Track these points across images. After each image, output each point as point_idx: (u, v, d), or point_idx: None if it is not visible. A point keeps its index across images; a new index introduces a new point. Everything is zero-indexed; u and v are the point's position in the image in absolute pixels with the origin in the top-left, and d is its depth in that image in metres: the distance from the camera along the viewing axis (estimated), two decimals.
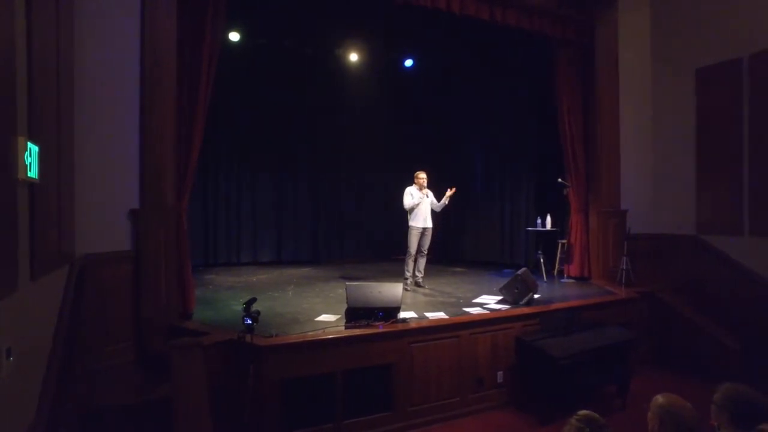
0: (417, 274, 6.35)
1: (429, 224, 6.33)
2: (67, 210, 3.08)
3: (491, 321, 4.75)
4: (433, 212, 6.41)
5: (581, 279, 6.87)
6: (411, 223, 6.31)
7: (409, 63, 9.32)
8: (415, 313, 4.81)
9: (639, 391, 4.73)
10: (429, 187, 6.46)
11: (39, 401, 2.19)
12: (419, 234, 6.26)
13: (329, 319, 4.53)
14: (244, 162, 8.59)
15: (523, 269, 5.46)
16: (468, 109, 9.32)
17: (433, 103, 9.86)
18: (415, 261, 6.33)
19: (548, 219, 7.29)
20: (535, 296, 5.43)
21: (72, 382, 3.28)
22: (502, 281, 5.69)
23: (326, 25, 7.87)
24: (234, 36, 7.68)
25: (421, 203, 6.24)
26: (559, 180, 6.91)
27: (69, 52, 3.23)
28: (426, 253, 6.40)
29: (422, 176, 6.37)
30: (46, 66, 2.39)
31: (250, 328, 3.53)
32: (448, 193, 6.22)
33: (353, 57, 8.72)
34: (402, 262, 6.52)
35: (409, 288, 6.10)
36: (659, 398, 2.06)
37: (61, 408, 2.47)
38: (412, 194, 6.29)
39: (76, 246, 3.56)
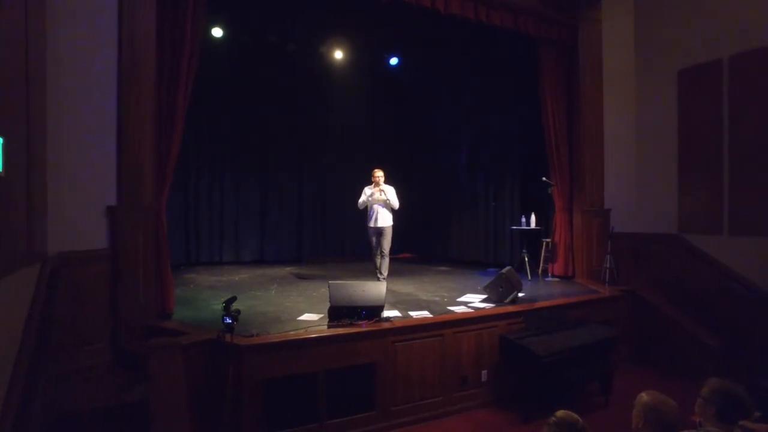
0: (379, 276, 6.12)
1: (381, 224, 6.14)
2: (38, 206, 2.97)
3: (475, 320, 4.74)
4: (394, 211, 6.28)
5: (565, 278, 6.90)
6: (366, 222, 6.28)
7: (394, 61, 9.27)
8: (399, 311, 4.78)
9: (621, 388, 4.75)
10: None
11: (3, 405, 2.09)
12: (373, 233, 6.20)
13: (312, 318, 4.47)
14: (226, 160, 8.48)
15: (508, 268, 5.46)
16: (453, 107, 9.32)
17: (418, 101, 9.86)
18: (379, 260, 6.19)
19: (533, 218, 7.30)
20: (520, 295, 5.43)
21: (44, 384, 3.17)
22: (487, 280, 5.68)
23: (311, 22, 7.79)
24: (217, 32, 7.54)
25: (373, 202, 6.15)
26: (544, 179, 6.93)
27: (41, 48, 3.12)
28: (386, 254, 6.19)
29: (377, 174, 6.22)
30: (10, 57, 2.29)
31: (229, 328, 3.46)
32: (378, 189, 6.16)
33: (338, 55, 8.63)
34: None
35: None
36: (643, 396, 2.06)
37: (29, 411, 2.37)
38: (365, 192, 6.25)
39: (48, 244, 3.45)
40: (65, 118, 3.87)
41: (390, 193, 6.18)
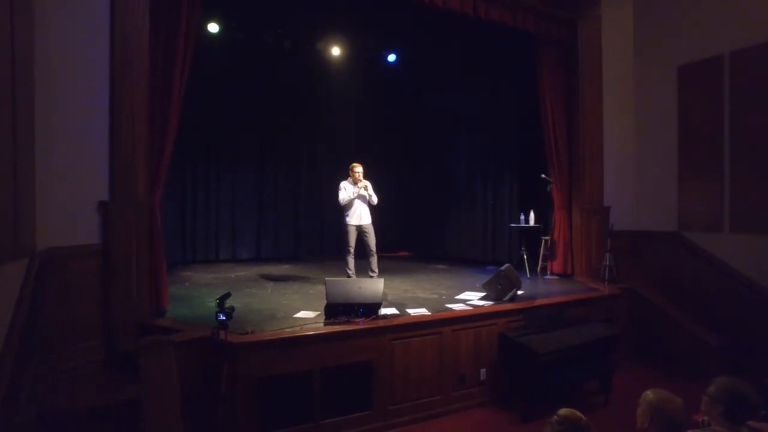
0: (371, 274, 5.93)
1: (364, 221, 5.95)
2: (25, 200, 2.89)
3: (474, 317, 4.67)
4: (372, 207, 6.07)
5: (564, 276, 6.85)
6: (346, 220, 5.98)
7: (392, 58, 9.21)
8: (397, 309, 4.71)
9: (621, 387, 4.71)
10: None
11: None
12: (355, 231, 5.95)
13: (308, 316, 4.40)
14: (223, 158, 8.42)
15: (507, 265, 5.39)
16: (452, 104, 9.25)
17: (416, 98, 9.79)
18: (368, 261, 6.00)
19: (531, 215, 7.25)
20: (519, 292, 5.38)
21: (35, 381, 3.10)
22: (485, 278, 5.61)
23: (308, 19, 7.71)
24: (213, 27, 7.46)
25: (355, 199, 5.92)
26: (543, 176, 6.87)
27: (28, 38, 3.03)
28: (374, 252, 6.01)
29: (358, 169, 5.99)
30: None
31: (223, 325, 3.39)
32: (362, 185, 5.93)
33: (335, 51, 8.56)
34: (383, 259, 6.33)
35: None
36: (649, 394, 2.00)
37: (15, 410, 2.30)
38: (345, 188, 5.97)
39: (38, 238, 3.37)
40: (54, 109, 3.79)
41: (370, 189, 5.98)
